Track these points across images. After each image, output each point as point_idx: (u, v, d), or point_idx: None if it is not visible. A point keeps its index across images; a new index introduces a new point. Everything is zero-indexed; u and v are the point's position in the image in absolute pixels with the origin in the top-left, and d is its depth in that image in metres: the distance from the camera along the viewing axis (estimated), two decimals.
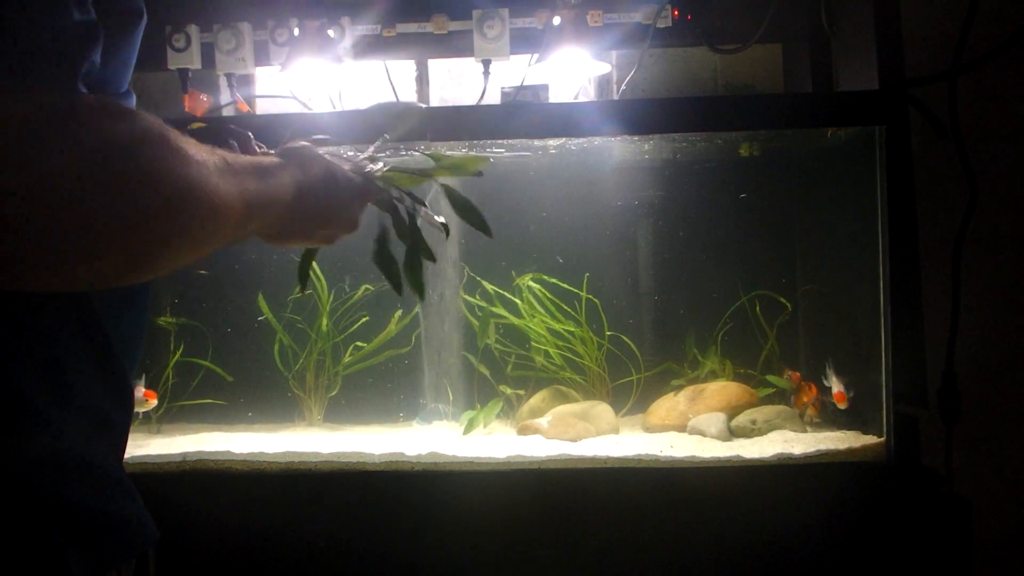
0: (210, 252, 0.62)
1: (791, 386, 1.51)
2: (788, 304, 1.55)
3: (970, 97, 1.58)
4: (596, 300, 1.57)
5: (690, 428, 1.44)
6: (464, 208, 0.92)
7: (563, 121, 1.29)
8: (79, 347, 0.67)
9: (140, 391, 1.52)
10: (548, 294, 1.58)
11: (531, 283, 1.58)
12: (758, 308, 1.56)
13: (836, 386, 1.39)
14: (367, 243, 0.87)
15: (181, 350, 1.60)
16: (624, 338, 1.59)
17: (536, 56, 1.51)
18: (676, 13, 1.50)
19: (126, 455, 1.13)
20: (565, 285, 1.58)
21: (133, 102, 0.72)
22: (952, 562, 1.18)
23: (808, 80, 1.51)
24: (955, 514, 1.19)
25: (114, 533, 0.68)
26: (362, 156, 0.88)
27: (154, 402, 1.54)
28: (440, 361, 1.63)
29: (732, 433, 1.42)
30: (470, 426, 1.48)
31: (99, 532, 0.66)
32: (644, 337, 1.61)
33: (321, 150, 0.80)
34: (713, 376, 1.56)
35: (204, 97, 1.55)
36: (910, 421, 1.22)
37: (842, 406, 1.38)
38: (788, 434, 1.39)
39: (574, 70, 1.59)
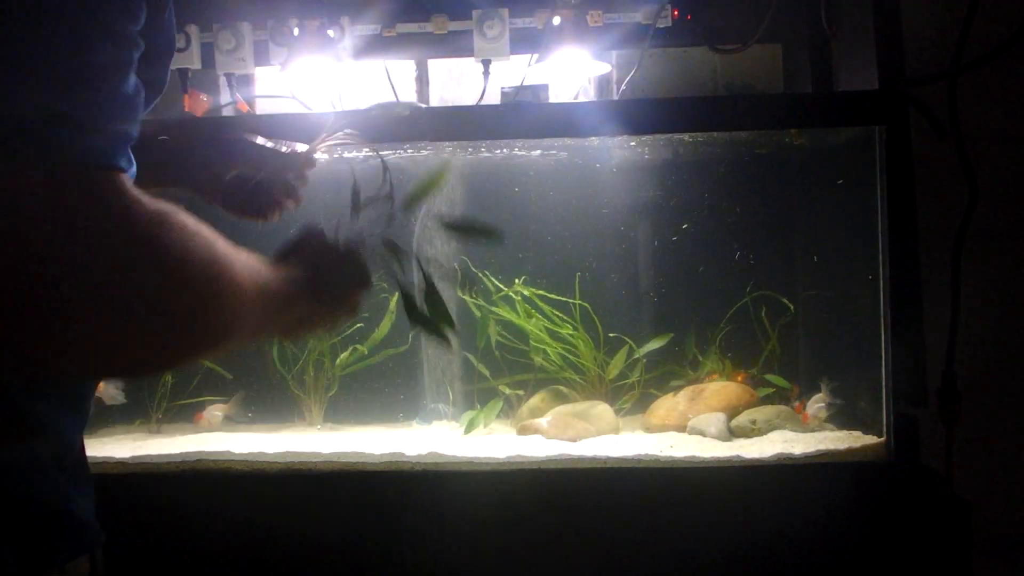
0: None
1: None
2: (791, 306, 1.55)
3: (970, 97, 1.58)
4: (587, 304, 1.57)
5: (690, 428, 1.44)
6: (466, 230, 0.93)
7: (563, 121, 1.29)
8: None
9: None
10: (544, 299, 1.58)
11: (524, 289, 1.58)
12: (764, 311, 1.55)
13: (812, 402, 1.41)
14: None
15: None
16: (626, 339, 1.58)
17: (536, 56, 1.51)
18: (676, 13, 1.50)
19: (127, 454, 1.14)
20: (557, 296, 1.58)
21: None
22: (952, 562, 1.18)
23: (808, 80, 1.51)
24: (955, 514, 1.19)
25: (57, 530, 0.66)
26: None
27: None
28: (439, 361, 1.63)
29: (732, 433, 1.42)
30: (470, 426, 1.48)
31: (41, 529, 0.65)
32: (644, 337, 1.61)
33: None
34: (713, 376, 1.56)
35: (204, 97, 1.55)
36: (910, 421, 1.22)
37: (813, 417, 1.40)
38: (788, 434, 1.39)
39: (574, 70, 1.59)
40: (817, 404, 1.41)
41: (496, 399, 1.54)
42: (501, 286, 1.59)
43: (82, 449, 0.72)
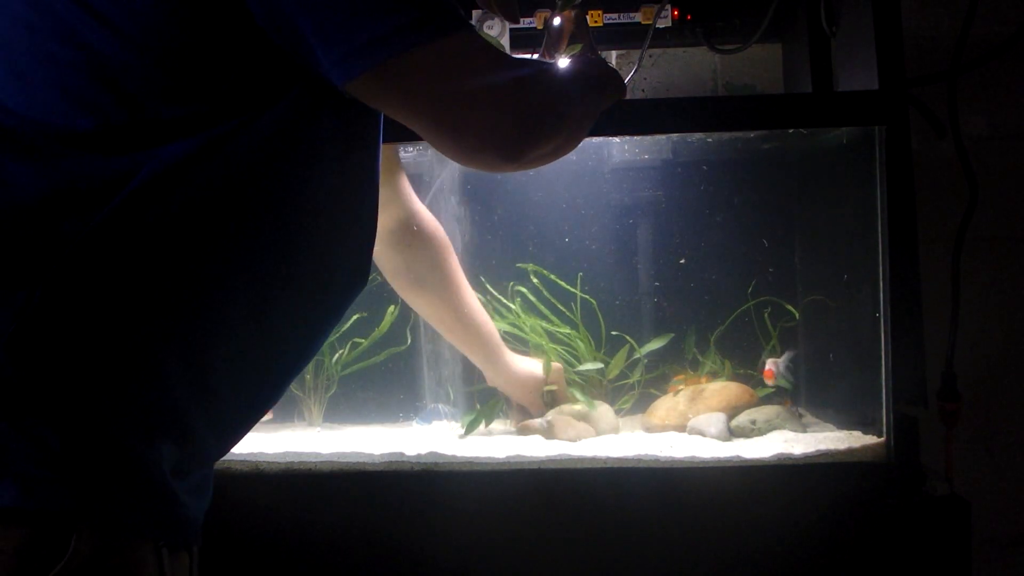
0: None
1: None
2: (795, 312, 1.55)
3: (970, 97, 1.58)
4: (592, 300, 1.57)
5: (690, 428, 1.44)
6: None
7: None
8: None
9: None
10: (547, 294, 1.58)
11: (531, 280, 1.58)
12: (768, 312, 1.55)
13: (769, 365, 1.42)
14: None
15: None
16: (627, 337, 1.58)
17: (536, 56, 1.51)
18: (676, 13, 1.50)
19: None
20: (563, 284, 1.58)
21: None
22: (952, 562, 1.18)
23: (808, 80, 1.51)
24: (955, 514, 1.19)
25: (155, 515, 0.80)
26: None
27: None
28: (439, 361, 1.63)
29: (732, 433, 1.42)
30: (471, 427, 1.48)
31: (142, 508, 0.78)
32: (645, 337, 1.61)
33: None
34: (713, 376, 1.56)
35: None
36: (910, 421, 1.22)
37: (769, 383, 1.44)
38: (788, 434, 1.39)
39: None
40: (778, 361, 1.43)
41: (495, 399, 1.54)
42: (500, 297, 1.59)
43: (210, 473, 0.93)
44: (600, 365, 1.54)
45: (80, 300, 0.75)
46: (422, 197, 1.46)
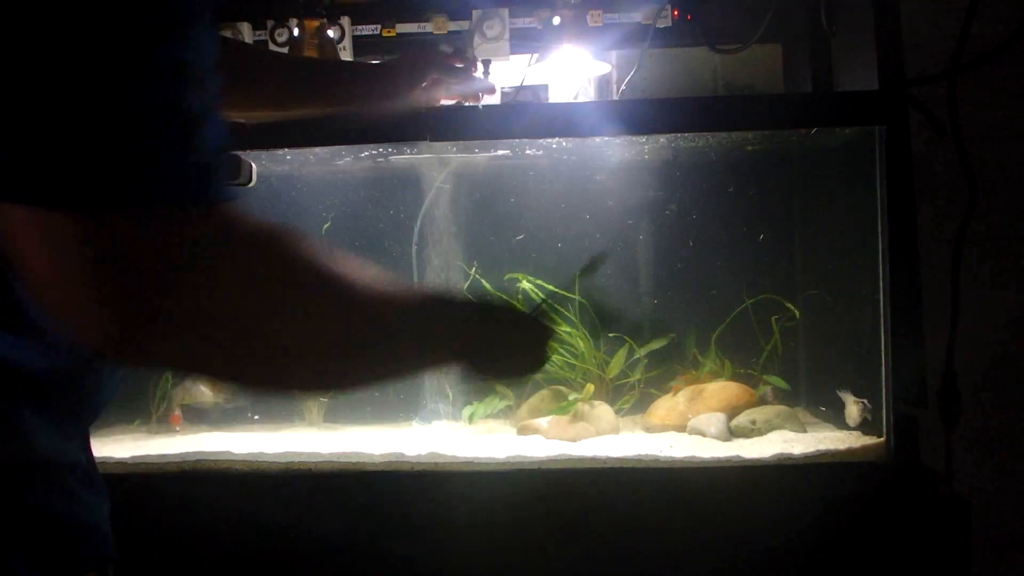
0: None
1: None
2: (796, 311, 1.55)
3: (970, 97, 1.58)
4: (586, 302, 1.57)
5: (690, 428, 1.44)
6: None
7: (563, 121, 1.29)
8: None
9: None
10: (543, 296, 1.58)
11: (526, 285, 1.58)
12: (775, 319, 1.55)
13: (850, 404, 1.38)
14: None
15: None
16: (626, 339, 1.58)
17: (536, 56, 1.51)
18: (676, 13, 1.50)
19: (127, 454, 1.14)
20: (554, 288, 1.58)
21: None
22: (952, 562, 1.18)
23: (808, 80, 1.51)
24: (955, 514, 1.19)
25: (72, 540, 0.65)
26: None
27: None
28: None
29: (732, 433, 1.42)
30: (473, 417, 1.48)
31: (55, 537, 0.64)
32: (645, 337, 1.61)
33: None
34: (713, 376, 1.56)
35: None
36: (910, 421, 1.22)
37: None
38: (788, 434, 1.39)
39: (574, 70, 1.59)
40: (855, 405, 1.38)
41: (493, 395, 1.54)
42: (496, 290, 1.59)
43: (91, 461, 0.71)
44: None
45: None
46: (421, 201, 1.46)
